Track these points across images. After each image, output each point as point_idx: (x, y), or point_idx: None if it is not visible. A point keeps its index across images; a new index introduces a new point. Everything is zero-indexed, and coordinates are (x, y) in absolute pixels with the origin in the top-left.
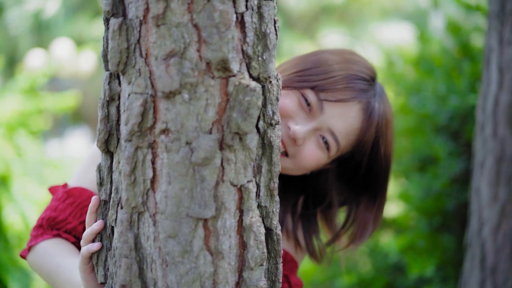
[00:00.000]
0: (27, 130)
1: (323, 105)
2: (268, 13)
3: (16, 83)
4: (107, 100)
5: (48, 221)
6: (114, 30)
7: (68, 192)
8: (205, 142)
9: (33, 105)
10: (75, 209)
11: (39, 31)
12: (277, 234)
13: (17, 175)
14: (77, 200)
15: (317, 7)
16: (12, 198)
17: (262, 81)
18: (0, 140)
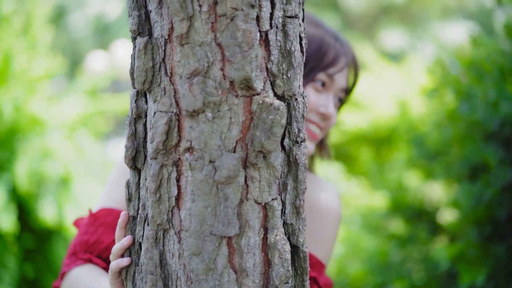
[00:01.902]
0: (89, 131)
1: (333, 77)
2: (293, 30)
3: (78, 85)
4: (134, 117)
5: (81, 246)
6: (140, 49)
7: (95, 215)
8: (228, 161)
9: (95, 106)
10: (106, 229)
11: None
12: (304, 252)
13: (79, 176)
14: (107, 220)
15: (377, 7)
16: (71, 199)
17: (287, 99)
18: (62, 141)
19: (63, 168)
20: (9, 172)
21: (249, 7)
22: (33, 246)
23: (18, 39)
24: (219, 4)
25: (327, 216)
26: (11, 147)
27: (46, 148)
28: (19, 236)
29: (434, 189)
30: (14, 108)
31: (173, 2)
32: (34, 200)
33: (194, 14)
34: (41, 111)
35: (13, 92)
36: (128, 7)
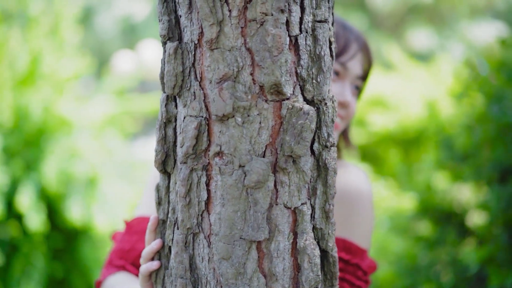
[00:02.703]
0: (117, 132)
1: (346, 65)
2: (322, 35)
3: (106, 85)
4: (164, 122)
5: (116, 254)
6: (170, 53)
7: (129, 224)
8: (258, 166)
9: (122, 107)
10: (140, 236)
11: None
12: (333, 256)
13: (106, 176)
14: (141, 228)
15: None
16: (99, 199)
17: (317, 104)
18: (89, 141)
19: (91, 169)
20: (37, 172)
21: (279, 12)
22: (62, 246)
23: (46, 40)
24: (249, 9)
25: (358, 199)
26: (39, 147)
27: (74, 149)
28: (48, 235)
29: (463, 191)
30: (43, 109)
31: (203, 7)
32: (62, 200)
33: (224, 19)
34: (69, 112)
35: (41, 93)
36: (158, 12)
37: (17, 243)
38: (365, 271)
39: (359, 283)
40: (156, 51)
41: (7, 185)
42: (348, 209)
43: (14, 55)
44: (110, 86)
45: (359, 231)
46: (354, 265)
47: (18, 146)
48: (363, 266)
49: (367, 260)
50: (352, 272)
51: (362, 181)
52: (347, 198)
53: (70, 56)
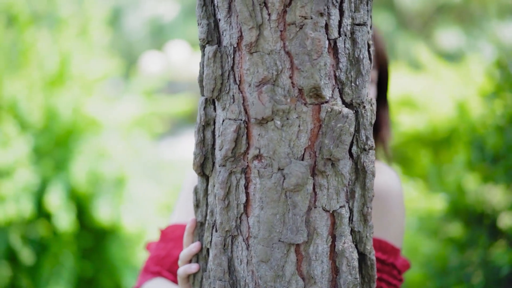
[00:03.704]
0: (145, 132)
1: None
2: (361, 38)
3: (134, 86)
4: (203, 124)
5: (152, 260)
6: (209, 57)
7: (164, 232)
8: (297, 169)
9: (150, 107)
10: (175, 243)
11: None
12: (371, 259)
13: (134, 176)
14: (175, 235)
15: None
16: (127, 199)
17: (355, 107)
18: (118, 142)
19: (119, 169)
20: (67, 171)
21: (318, 15)
22: (90, 245)
23: (75, 41)
24: (288, 13)
25: (389, 198)
26: (68, 147)
27: (103, 149)
28: (77, 235)
29: (494, 192)
30: (72, 109)
31: (243, 11)
32: (90, 200)
33: (263, 23)
34: (98, 112)
35: (71, 94)
36: (197, 16)
37: (46, 243)
38: (400, 270)
39: (395, 282)
40: (184, 52)
41: (37, 184)
42: (381, 209)
43: (43, 56)
44: (138, 87)
45: (393, 230)
46: (390, 264)
47: (48, 146)
48: (397, 265)
49: (400, 259)
50: (388, 272)
51: (394, 180)
52: (380, 197)
53: (99, 57)
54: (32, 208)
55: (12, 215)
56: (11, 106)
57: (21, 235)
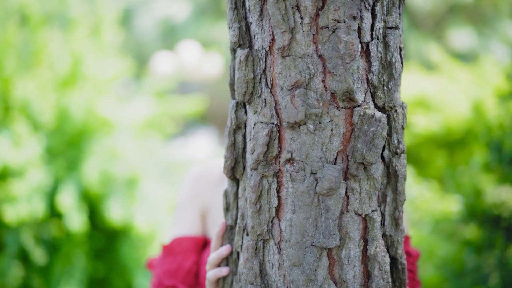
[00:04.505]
0: (157, 132)
1: None
2: (393, 41)
3: (146, 87)
4: (234, 128)
5: (165, 275)
6: (241, 60)
7: (169, 246)
8: (330, 173)
9: (162, 108)
10: (183, 255)
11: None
12: (402, 263)
13: (146, 177)
14: (182, 248)
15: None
16: (139, 200)
17: (387, 110)
18: (129, 142)
19: (131, 169)
20: (79, 172)
21: (351, 18)
22: (102, 246)
23: (87, 41)
24: (320, 16)
25: None
26: (80, 147)
27: (114, 149)
28: (89, 235)
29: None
30: (84, 110)
31: (275, 15)
32: (102, 200)
33: (296, 26)
34: (110, 113)
35: (83, 94)
36: (229, 19)
37: (58, 243)
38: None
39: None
40: (195, 52)
41: (50, 185)
42: None
43: (55, 56)
44: (150, 87)
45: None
46: (406, 253)
47: (60, 146)
48: (412, 252)
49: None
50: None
51: None
52: None
53: (110, 57)
54: (45, 208)
55: (25, 215)
56: (23, 106)
57: (34, 235)
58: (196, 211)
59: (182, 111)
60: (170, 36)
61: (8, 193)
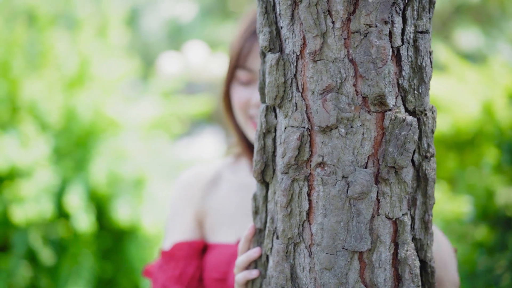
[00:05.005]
0: (164, 133)
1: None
2: (424, 46)
3: (153, 87)
4: (264, 132)
5: (170, 281)
6: (272, 65)
7: (169, 252)
8: (362, 176)
9: (169, 108)
10: (185, 261)
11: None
12: (431, 267)
13: (153, 177)
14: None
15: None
16: (146, 200)
17: (418, 114)
18: (136, 142)
19: (138, 169)
20: (86, 172)
21: (382, 23)
22: (110, 246)
23: (94, 42)
24: (352, 21)
25: None
26: (88, 148)
27: (122, 149)
28: (97, 235)
29: None
30: (92, 110)
31: (307, 19)
32: (109, 201)
33: (327, 31)
34: (117, 113)
35: (90, 95)
36: (259, 23)
37: (66, 243)
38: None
39: None
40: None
41: (57, 185)
42: None
43: (62, 57)
44: (157, 87)
45: None
46: None
47: (68, 146)
48: None
49: None
50: None
51: None
52: None
53: (117, 58)
54: (53, 209)
55: (33, 216)
56: (31, 106)
57: (41, 236)
58: (192, 216)
59: (188, 111)
60: (176, 37)
61: (16, 193)
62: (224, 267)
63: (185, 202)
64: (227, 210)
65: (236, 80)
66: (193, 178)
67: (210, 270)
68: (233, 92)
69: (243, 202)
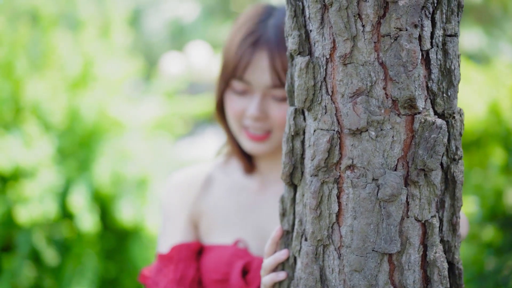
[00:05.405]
0: (167, 133)
1: (245, 80)
2: (452, 49)
3: (155, 87)
4: (292, 134)
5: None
6: (301, 68)
7: (168, 255)
8: (392, 179)
9: (172, 109)
10: (185, 263)
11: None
12: (459, 269)
13: (156, 177)
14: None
15: None
16: (149, 200)
17: (447, 117)
18: (140, 143)
19: (141, 170)
20: (90, 172)
21: (412, 26)
22: (114, 246)
23: (97, 42)
24: (382, 24)
25: None
26: (91, 148)
27: (125, 150)
28: (100, 235)
29: None
30: (96, 111)
31: (337, 23)
32: (113, 201)
33: (358, 34)
34: (121, 113)
35: (94, 95)
36: (288, 27)
37: (70, 243)
38: None
39: None
40: (204, 53)
41: (61, 185)
42: None
43: (65, 57)
44: (160, 88)
45: None
46: None
47: (71, 147)
48: None
49: None
50: None
51: None
52: None
53: (120, 58)
54: (56, 209)
55: (37, 216)
56: (34, 107)
57: (45, 236)
58: (186, 218)
59: (191, 112)
60: (179, 37)
61: (20, 193)
62: (224, 268)
63: (179, 205)
64: (221, 211)
65: (231, 88)
66: (185, 180)
67: (209, 272)
68: (227, 100)
69: (237, 203)
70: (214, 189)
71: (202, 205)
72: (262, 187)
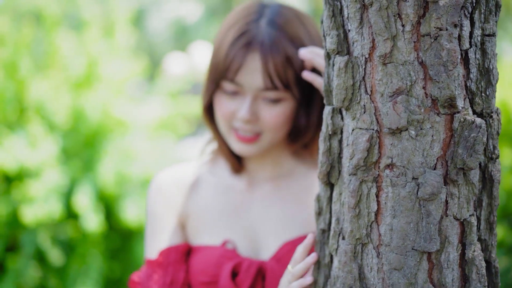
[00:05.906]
0: (171, 133)
1: (236, 82)
2: (491, 48)
3: (159, 87)
4: (330, 134)
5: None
6: (340, 67)
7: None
8: (432, 178)
9: (176, 109)
10: (174, 267)
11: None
12: (495, 267)
13: None
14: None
15: None
16: None
17: (485, 116)
18: (144, 143)
19: (145, 170)
20: (94, 172)
21: (452, 26)
22: (118, 246)
23: (101, 42)
24: (422, 24)
25: None
26: (95, 148)
27: (129, 150)
28: (105, 235)
29: None
30: (100, 111)
31: (378, 22)
32: (117, 201)
33: (397, 34)
34: (125, 113)
35: (98, 95)
36: (326, 26)
37: (74, 243)
38: None
39: None
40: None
41: (66, 185)
42: None
43: (69, 57)
44: (163, 88)
45: None
46: None
47: (76, 147)
48: None
49: None
50: None
51: None
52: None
53: (124, 58)
54: (61, 209)
55: (42, 216)
56: (38, 107)
57: (50, 236)
58: (174, 219)
59: (195, 112)
60: (182, 37)
61: (25, 193)
62: (213, 270)
63: (166, 206)
64: (209, 212)
65: (221, 89)
66: (171, 181)
67: (197, 274)
68: (217, 102)
69: (225, 203)
70: (201, 189)
71: (189, 206)
72: (250, 187)
